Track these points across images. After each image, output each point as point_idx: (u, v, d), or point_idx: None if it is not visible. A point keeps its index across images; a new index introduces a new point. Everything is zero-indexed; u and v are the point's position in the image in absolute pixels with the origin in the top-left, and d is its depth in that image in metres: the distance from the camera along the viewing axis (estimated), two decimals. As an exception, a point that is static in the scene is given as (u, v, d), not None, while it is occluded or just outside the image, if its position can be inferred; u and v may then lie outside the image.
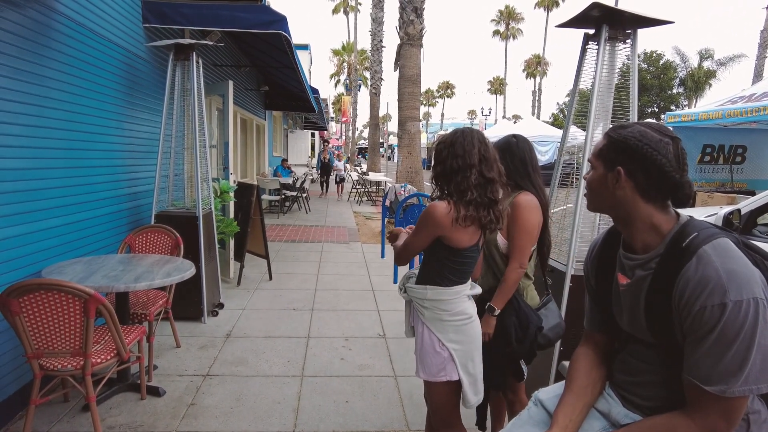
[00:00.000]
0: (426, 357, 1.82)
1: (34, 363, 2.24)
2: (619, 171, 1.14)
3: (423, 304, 1.83)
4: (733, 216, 3.92)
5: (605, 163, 1.18)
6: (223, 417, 2.65)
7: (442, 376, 1.80)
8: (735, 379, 0.97)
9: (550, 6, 41.34)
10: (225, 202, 4.92)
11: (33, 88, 2.75)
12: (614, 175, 1.15)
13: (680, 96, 28.92)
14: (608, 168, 1.17)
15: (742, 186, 9.39)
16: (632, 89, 2.63)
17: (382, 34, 21.38)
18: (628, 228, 1.18)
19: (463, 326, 1.81)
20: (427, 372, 1.83)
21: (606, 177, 1.17)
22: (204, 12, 4.25)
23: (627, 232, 1.19)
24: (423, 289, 1.82)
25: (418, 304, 1.84)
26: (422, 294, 1.82)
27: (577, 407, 1.25)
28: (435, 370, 1.81)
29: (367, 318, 4.30)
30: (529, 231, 1.98)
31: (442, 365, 1.80)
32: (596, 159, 1.21)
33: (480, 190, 1.72)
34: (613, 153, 1.16)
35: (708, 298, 0.98)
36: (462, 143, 1.75)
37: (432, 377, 1.82)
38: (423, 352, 1.83)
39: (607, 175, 1.17)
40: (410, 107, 10.12)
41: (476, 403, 1.86)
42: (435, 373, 1.81)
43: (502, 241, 2.03)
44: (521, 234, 1.96)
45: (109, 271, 2.73)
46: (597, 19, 2.50)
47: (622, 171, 1.14)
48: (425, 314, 1.83)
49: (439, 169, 1.80)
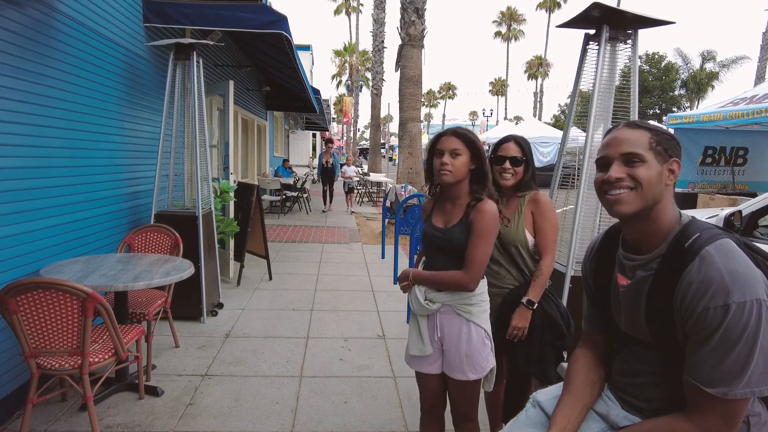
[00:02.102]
0: (476, 355, 1.78)
1: (32, 362, 2.23)
2: (677, 164, 1.12)
3: (470, 302, 1.78)
4: (734, 217, 3.91)
5: (658, 155, 1.11)
6: (221, 417, 2.64)
7: (489, 365, 1.80)
8: (737, 382, 0.96)
9: (552, 7, 41.30)
10: (225, 202, 4.92)
11: (33, 87, 2.75)
12: (670, 167, 1.12)
13: (682, 98, 28.88)
14: (662, 161, 1.11)
15: (744, 188, 9.37)
16: (633, 90, 2.62)
17: (384, 34, 21.39)
18: (652, 225, 1.13)
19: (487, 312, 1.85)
20: (478, 369, 1.78)
21: (662, 170, 1.11)
22: (205, 11, 4.25)
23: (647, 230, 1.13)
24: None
25: (463, 305, 1.78)
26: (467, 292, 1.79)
27: (575, 409, 1.24)
28: (485, 363, 1.79)
29: (367, 319, 4.29)
30: (556, 225, 2.08)
31: (489, 356, 1.80)
32: (647, 151, 1.10)
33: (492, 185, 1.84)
34: (664, 145, 1.12)
35: (711, 300, 0.97)
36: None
37: (483, 372, 1.80)
38: (473, 351, 1.78)
39: (663, 168, 1.11)
40: (411, 108, 10.12)
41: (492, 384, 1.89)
42: (485, 367, 1.80)
43: (531, 239, 2.08)
44: (552, 228, 2.05)
45: (108, 271, 2.73)
46: (597, 19, 2.49)
47: (678, 163, 1.13)
48: (473, 311, 1.78)
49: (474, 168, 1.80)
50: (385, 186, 13.57)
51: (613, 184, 1.12)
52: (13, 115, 2.59)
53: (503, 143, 2.13)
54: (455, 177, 1.75)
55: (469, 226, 1.75)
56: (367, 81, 33.30)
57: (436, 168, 1.78)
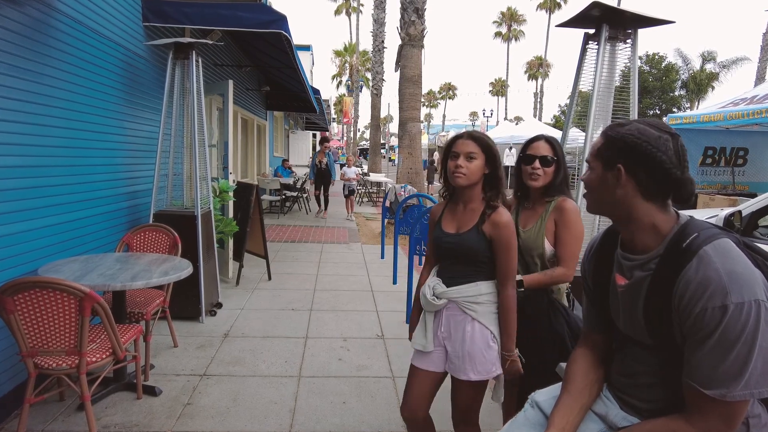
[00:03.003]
0: (478, 355, 1.77)
1: (29, 361, 2.22)
2: (619, 169, 1.11)
3: (476, 300, 1.78)
4: (733, 218, 3.90)
5: (604, 162, 1.14)
6: (219, 417, 2.63)
7: (495, 371, 1.77)
8: (735, 383, 0.95)
9: (552, 8, 41.29)
10: (224, 201, 4.91)
11: (32, 86, 2.74)
12: (614, 173, 1.12)
13: (682, 98, 28.86)
14: (607, 167, 1.13)
15: (744, 188, 9.36)
16: (632, 89, 2.62)
17: (384, 35, 21.38)
18: (628, 228, 1.15)
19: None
20: (479, 371, 1.77)
21: (606, 176, 1.14)
22: (204, 11, 4.24)
23: (627, 232, 1.17)
24: (475, 285, 1.79)
25: (469, 302, 1.78)
26: (476, 290, 1.79)
27: (574, 409, 1.23)
28: (489, 366, 1.77)
29: (366, 319, 4.29)
30: (579, 236, 1.91)
31: (495, 359, 1.77)
32: (594, 158, 1.17)
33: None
34: (611, 151, 1.13)
35: (709, 300, 0.96)
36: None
37: (486, 374, 1.77)
38: (474, 351, 1.77)
39: (607, 174, 1.13)
40: (411, 108, 10.11)
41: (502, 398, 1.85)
42: (489, 369, 1.77)
43: (549, 248, 1.95)
44: (573, 239, 1.90)
45: (106, 270, 2.72)
46: (597, 19, 2.49)
47: (622, 169, 1.11)
48: (478, 310, 1.78)
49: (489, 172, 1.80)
50: (384, 186, 13.56)
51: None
52: (12, 114, 2.58)
53: (533, 142, 2.01)
54: (469, 180, 1.75)
55: (488, 239, 1.76)
56: (367, 81, 33.29)
57: (450, 170, 1.78)
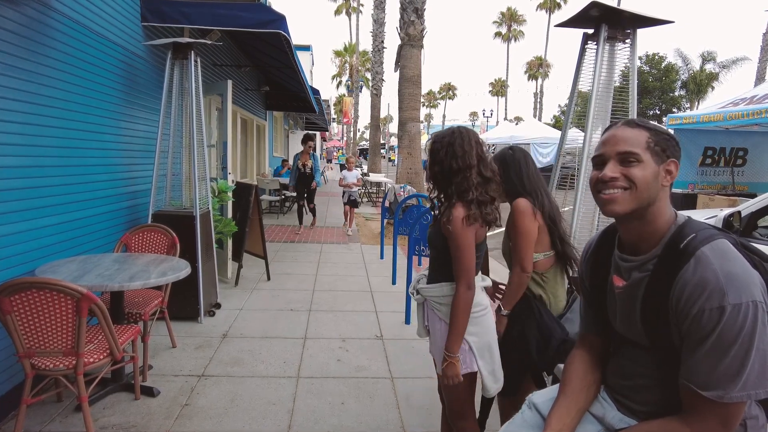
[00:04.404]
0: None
1: (26, 362, 2.22)
2: (674, 165, 1.11)
3: (441, 301, 1.85)
4: (733, 218, 3.90)
5: (655, 155, 1.09)
6: (217, 418, 2.63)
7: (464, 368, 1.81)
8: (733, 385, 0.95)
9: (552, 8, 41.30)
10: (223, 201, 4.91)
11: (30, 86, 2.73)
12: (667, 168, 1.10)
13: (682, 98, 28.88)
14: (659, 161, 1.10)
15: (744, 188, 9.36)
16: (632, 90, 2.61)
17: (384, 35, 21.37)
18: (647, 226, 1.11)
19: (479, 317, 1.83)
20: None
21: (658, 171, 1.10)
22: (203, 11, 4.24)
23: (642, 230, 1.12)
24: (439, 286, 1.85)
25: (435, 302, 1.86)
26: (439, 291, 1.85)
27: (571, 411, 1.23)
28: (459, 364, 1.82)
29: (365, 319, 4.28)
30: (524, 234, 1.96)
31: (464, 358, 1.82)
32: (645, 151, 1.09)
33: (480, 188, 1.76)
34: (662, 145, 1.10)
35: (706, 301, 0.96)
36: (461, 144, 1.78)
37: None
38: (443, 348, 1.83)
39: (659, 168, 1.10)
40: (411, 108, 10.11)
41: (496, 390, 1.89)
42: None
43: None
44: (518, 238, 1.98)
45: (104, 270, 2.71)
46: (596, 19, 2.48)
47: (676, 163, 1.11)
48: (443, 310, 1.84)
49: (437, 170, 1.82)
50: (384, 186, 13.55)
51: (607, 183, 1.11)
52: (9, 114, 2.58)
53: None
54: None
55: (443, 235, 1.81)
56: (367, 81, 33.28)
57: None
